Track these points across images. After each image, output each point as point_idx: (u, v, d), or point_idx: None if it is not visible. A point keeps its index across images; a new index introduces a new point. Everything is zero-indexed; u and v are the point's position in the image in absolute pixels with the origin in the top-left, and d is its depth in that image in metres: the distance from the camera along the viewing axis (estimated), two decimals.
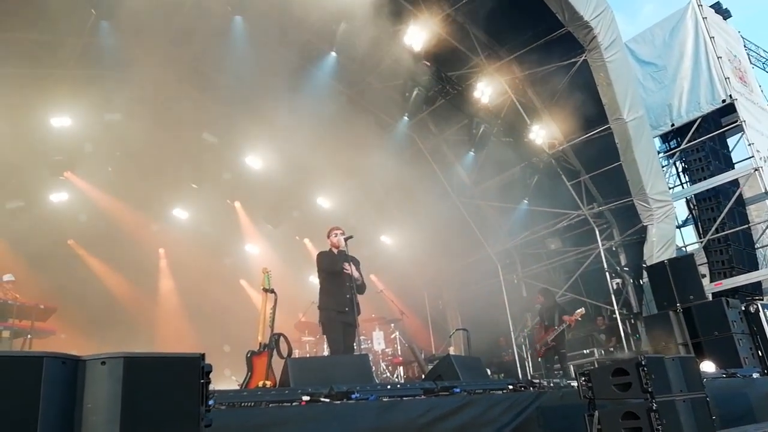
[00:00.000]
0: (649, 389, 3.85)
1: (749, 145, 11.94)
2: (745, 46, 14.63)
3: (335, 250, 6.75)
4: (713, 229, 12.18)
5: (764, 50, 16.28)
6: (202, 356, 2.49)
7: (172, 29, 10.39)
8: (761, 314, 8.15)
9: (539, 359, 10.85)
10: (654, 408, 3.78)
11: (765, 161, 11.95)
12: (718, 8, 14.11)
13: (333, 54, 10.35)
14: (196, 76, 10.91)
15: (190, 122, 11.75)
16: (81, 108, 10.65)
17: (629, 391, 3.98)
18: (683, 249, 13.12)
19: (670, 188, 12.62)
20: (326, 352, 9.59)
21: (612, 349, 11.18)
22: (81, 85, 10.06)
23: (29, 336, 8.26)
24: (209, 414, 2.49)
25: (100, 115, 11.05)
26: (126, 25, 9.23)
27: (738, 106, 12.08)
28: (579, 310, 10.05)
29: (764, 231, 12.92)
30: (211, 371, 2.50)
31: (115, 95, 10.50)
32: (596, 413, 4.04)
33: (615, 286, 11.53)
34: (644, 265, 10.53)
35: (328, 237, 6.86)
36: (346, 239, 6.59)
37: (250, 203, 14.67)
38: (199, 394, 2.40)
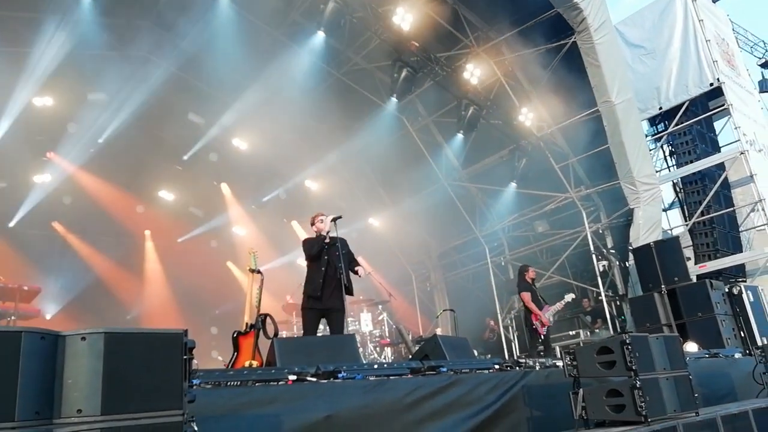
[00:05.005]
0: (633, 367, 3.87)
1: (736, 128, 11.97)
2: (733, 30, 14.62)
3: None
4: (698, 212, 12.26)
5: (752, 34, 16.31)
6: (185, 332, 2.46)
7: (156, 8, 10.23)
8: (744, 296, 8.24)
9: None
10: (638, 385, 3.81)
11: (751, 145, 12.02)
12: None
13: (321, 34, 10.21)
14: (181, 55, 10.75)
15: (176, 102, 11.60)
16: (63, 88, 10.46)
17: (613, 369, 4.01)
18: (669, 232, 13.21)
19: (656, 171, 12.67)
20: None
21: (597, 330, 11.28)
22: (63, 64, 9.86)
23: (13, 317, 8.20)
24: (192, 390, 2.46)
25: (83, 95, 10.88)
26: (109, 3, 9.05)
27: (725, 89, 12.09)
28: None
29: (748, 214, 13.02)
30: (194, 347, 2.47)
31: (98, 75, 10.33)
32: (581, 391, 4.07)
33: (601, 268, 11.60)
34: (630, 248, 10.58)
35: (312, 225, 6.78)
36: (335, 219, 6.52)
37: (236, 185, 14.58)
38: (182, 370, 2.37)
